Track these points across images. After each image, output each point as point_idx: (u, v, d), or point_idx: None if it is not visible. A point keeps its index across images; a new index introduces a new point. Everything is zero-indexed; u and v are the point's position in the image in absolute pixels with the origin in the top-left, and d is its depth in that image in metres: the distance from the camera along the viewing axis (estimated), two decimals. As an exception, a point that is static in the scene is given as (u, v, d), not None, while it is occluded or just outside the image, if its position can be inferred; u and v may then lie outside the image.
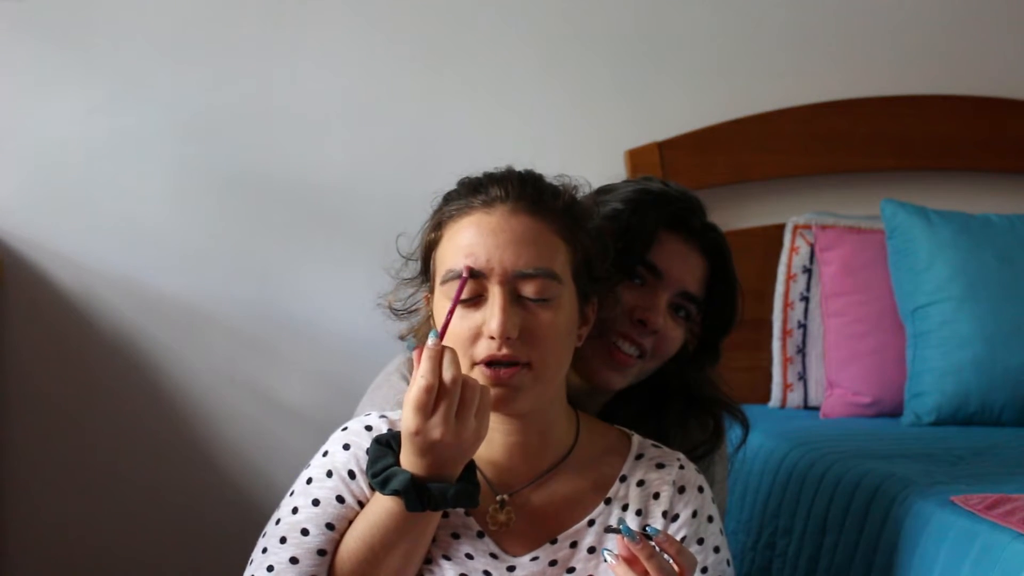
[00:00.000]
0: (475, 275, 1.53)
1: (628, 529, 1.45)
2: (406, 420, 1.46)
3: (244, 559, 1.63)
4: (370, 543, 1.51)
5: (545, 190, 1.60)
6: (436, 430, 1.44)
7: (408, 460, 1.48)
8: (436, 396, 1.44)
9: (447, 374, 1.45)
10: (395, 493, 1.47)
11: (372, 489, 1.53)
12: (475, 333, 1.52)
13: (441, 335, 1.48)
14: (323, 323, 2.85)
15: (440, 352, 1.46)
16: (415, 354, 1.47)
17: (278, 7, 2.84)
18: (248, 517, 2.76)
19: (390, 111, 2.88)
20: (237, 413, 2.83)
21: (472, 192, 1.58)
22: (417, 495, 1.46)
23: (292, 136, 2.84)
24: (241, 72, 2.82)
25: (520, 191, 1.57)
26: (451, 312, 1.52)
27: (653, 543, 1.45)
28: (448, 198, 1.61)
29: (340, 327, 2.83)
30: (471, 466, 1.51)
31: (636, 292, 1.79)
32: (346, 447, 1.59)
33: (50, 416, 2.78)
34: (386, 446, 1.51)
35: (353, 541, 1.53)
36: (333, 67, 2.86)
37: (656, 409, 1.87)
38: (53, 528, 2.79)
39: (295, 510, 1.56)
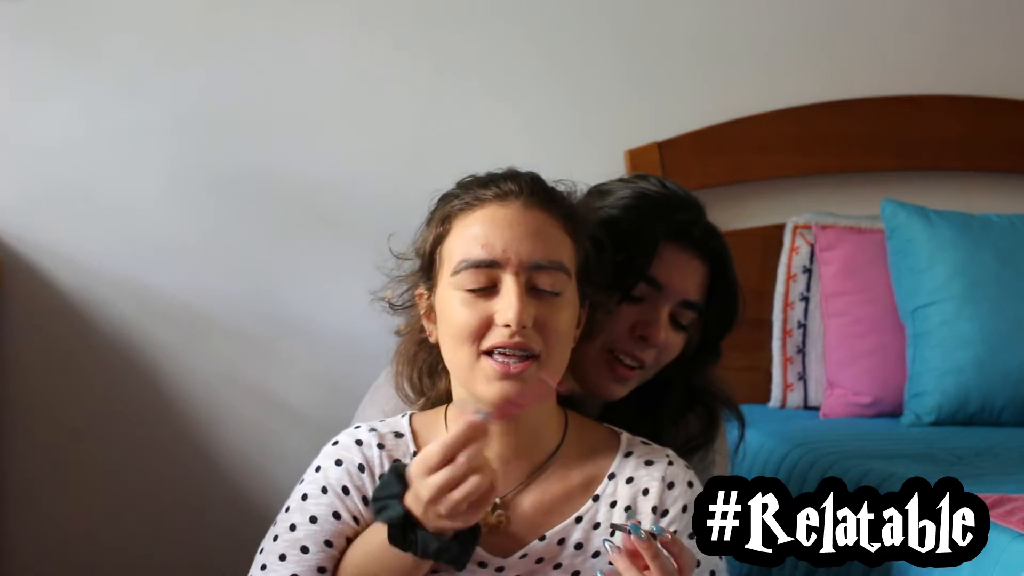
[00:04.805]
0: (488, 264, 1.53)
1: (637, 528, 1.45)
2: (422, 483, 1.43)
3: (244, 559, 1.63)
4: (364, 571, 1.52)
5: (554, 189, 1.62)
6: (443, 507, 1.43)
7: (412, 500, 1.46)
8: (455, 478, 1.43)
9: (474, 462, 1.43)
10: (384, 522, 1.47)
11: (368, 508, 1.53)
12: (485, 322, 1.53)
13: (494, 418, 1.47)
14: (323, 322, 2.85)
15: (484, 432, 1.44)
16: (463, 420, 1.44)
17: (277, 6, 2.84)
18: (248, 517, 2.76)
19: (390, 110, 2.88)
20: (237, 413, 2.83)
21: (483, 186, 1.59)
22: (403, 535, 1.46)
23: (292, 135, 2.84)
24: (240, 72, 2.82)
25: (533, 187, 1.59)
26: (515, 405, 1.51)
27: (658, 542, 1.45)
28: (453, 195, 1.62)
29: (340, 326, 2.83)
30: (475, 529, 1.48)
31: (637, 307, 1.79)
32: (338, 463, 1.59)
33: (49, 415, 2.77)
34: (399, 478, 1.49)
35: (351, 567, 1.53)
36: (332, 66, 2.86)
37: (653, 405, 1.87)
38: (53, 528, 2.78)
39: (293, 527, 1.56)
